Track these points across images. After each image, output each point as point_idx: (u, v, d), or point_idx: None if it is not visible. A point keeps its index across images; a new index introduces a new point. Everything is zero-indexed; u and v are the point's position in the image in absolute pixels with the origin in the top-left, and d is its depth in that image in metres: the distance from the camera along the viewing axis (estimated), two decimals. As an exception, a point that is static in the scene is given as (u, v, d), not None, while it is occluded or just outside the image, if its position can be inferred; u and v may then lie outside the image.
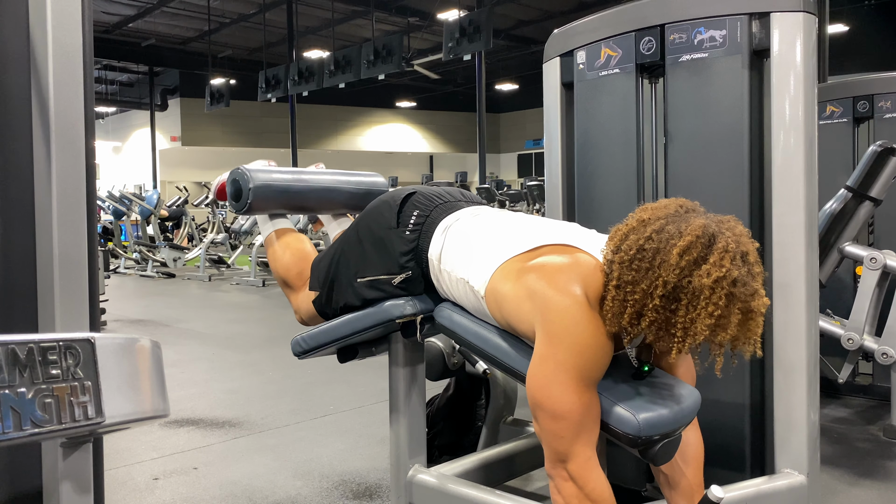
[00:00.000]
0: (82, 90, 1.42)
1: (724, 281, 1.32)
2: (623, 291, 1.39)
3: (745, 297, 1.33)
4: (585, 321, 1.43)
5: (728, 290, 1.32)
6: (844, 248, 3.05)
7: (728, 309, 1.33)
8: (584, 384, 1.43)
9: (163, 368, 1.34)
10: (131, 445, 2.95)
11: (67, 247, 1.39)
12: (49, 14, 1.37)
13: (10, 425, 1.06)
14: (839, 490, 2.43)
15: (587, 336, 1.42)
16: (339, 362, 2.05)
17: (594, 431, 1.46)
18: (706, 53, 2.01)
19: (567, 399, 1.42)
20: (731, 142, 2.00)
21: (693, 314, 1.33)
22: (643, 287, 1.37)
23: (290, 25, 16.89)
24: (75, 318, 1.40)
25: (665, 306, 1.36)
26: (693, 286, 1.33)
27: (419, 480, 1.95)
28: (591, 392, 1.45)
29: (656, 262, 1.36)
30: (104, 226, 11.97)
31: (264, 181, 2.09)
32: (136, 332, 5.52)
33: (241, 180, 2.08)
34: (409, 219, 1.84)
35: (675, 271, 1.34)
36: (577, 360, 1.42)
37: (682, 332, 1.35)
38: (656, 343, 1.41)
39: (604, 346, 1.44)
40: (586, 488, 1.43)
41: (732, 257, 1.34)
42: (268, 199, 2.11)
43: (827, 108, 3.58)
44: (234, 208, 2.13)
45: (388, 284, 1.85)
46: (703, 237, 1.35)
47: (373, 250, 1.87)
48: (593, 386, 1.46)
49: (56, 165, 1.38)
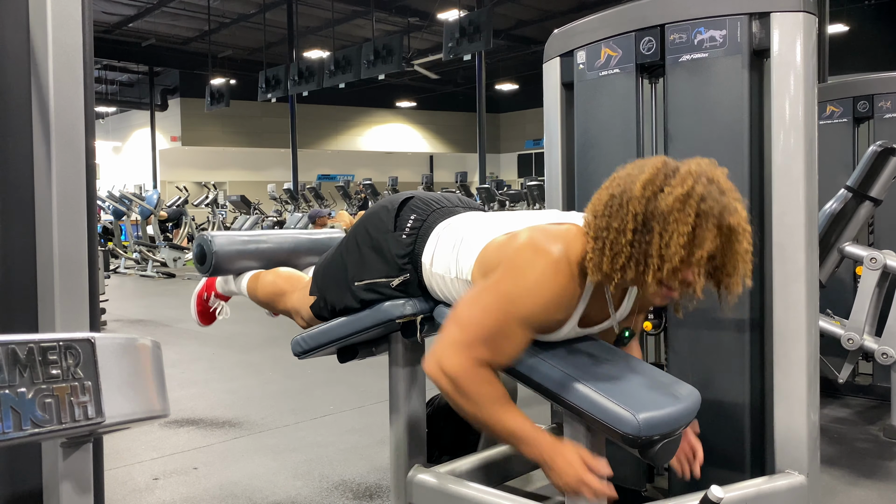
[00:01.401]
0: (82, 90, 1.42)
1: (689, 198, 1.35)
2: (600, 240, 1.43)
3: (717, 212, 1.36)
4: (553, 269, 1.46)
5: (696, 206, 1.35)
6: (844, 248, 3.05)
7: (700, 225, 1.35)
8: (518, 318, 1.47)
9: (163, 368, 1.34)
10: (131, 445, 2.94)
11: (67, 247, 1.40)
12: (49, 14, 1.37)
13: (10, 425, 1.06)
14: (839, 490, 2.43)
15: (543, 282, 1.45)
16: (339, 362, 2.05)
17: (500, 358, 1.51)
18: (706, 53, 2.01)
19: (491, 312, 1.47)
20: (731, 142, 2.00)
21: (667, 238, 1.36)
22: (615, 226, 1.41)
23: (290, 25, 16.90)
24: (75, 318, 1.40)
25: (640, 240, 1.39)
26: (660, 209, 1.37)
27: (419, 480, 1.95)
28: (523, 331, 1.49)
29: (624, 201, 1.41)
30: (104, 226, 11.97)
31: (225, 244, 2.25)
32: (136, 332, 5.52)
33: (204, 245, 2.24)
34: (407, 223, 1.84)
35: (641, 201, 1.38)
36: (526, 298, 1.46)
37: (659, 259, 1.37)
38: (641, 286, 1.43)
39: (558, 295, 1.46)
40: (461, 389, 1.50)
41: (696, 177, 1.38)
42: (230, 258, 2.26)
43: (827, 108, 3.58)
44: (199, 271, 2.28)
45: (386, 287, 1.86)
46: (664, 168, 1.41)
47: (371, 254, 1.88)
48: (528, 328, 1.50)
49: (56, 165, 1.38)
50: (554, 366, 1.57)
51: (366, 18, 16.79)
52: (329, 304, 1.97)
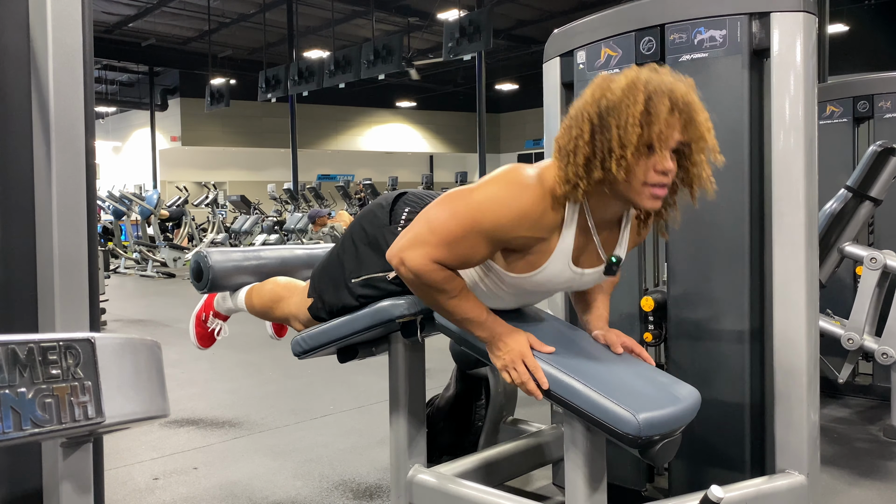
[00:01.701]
0: (82, 90, 1.42)
1: (636, 83, 1.42)
2: (564, 153, 1.48)
3: (666, 88, 1.42)
4: (523, 185, 1.51)
5: (644, 87, 1.42)
6: (844, 248, 3.05)
7: (651, 100, 1.41)
8: (480, 229, 1.50)
9: (163, 368, 1.34)
10: (131, 445, 2.94)
11: (67, 247, 1.40)
12: (49, 14, 1.37)
13: (10, 425, 1.06)
14: (839, 490, 2.43)
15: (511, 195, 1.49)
16: (339, 362, 2.05)
17: (455, 262, 1.55)
18: (706, 53, 2.01)
19: (456, 219, 1.51)
20: (731, 142, 2.00)
21: (622, 122, 1.41)
22: (575, 135, 1.47)
23: (290, 25, 16.90)
24: (75, 318, 1.40)
25: (600, 137, 1.43)
26: (612, 102, 1.43)
27: (419, 480, 1.95)
28: (483, 243, 1.52)
29: (578, 112, 1.48)
30: (104, 226, 11.96)
31: (221, 260, 2.27)
32: (136, 332, 5.52)
33: (201, 262, 2.27)
34: (401, 216, 1.87)
35: (593, 105, 1.45)
36: (490, 210, 1.49)
37: (620, 146, 1.41)
38: (614, 186, 1.46)
39: (520, 213, 1.49)
40: (421, 278, 1.55)
41: (638, 70, 1.47)
42: (227, 274, 2.28)
43: (827, 108, 3.58)
44: (197, 288, 2.30)
45: (382, 281, 1.87)
46: (607, 76, 1.49)
47: (367, 250, 1.90)
48: (489, 242, 1.52)
49: (56, 165, 1.38)
50: (554, 366, 1.57)
51: (366, 18, 16.79)
52: (327, 304, 1.98)
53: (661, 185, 1.45)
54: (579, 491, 1.61)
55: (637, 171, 1.43)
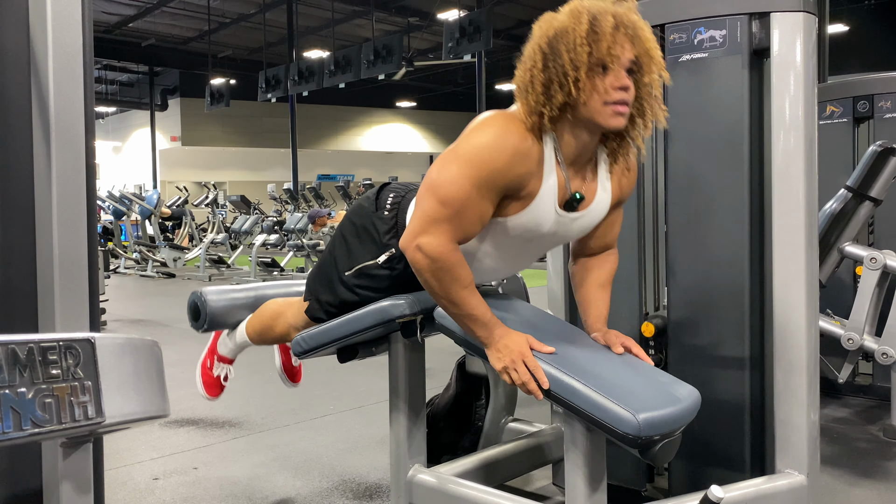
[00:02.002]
0: (82, 90, 1.42)
1: (578, 8, 1.50)
2: (522, 88, 1.54)
3: (610, 10, 1.49)
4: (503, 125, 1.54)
5: (588, 11, 1.49)
6: (844, 248, 3.05)
7: (596, 20, 1.47)
8: (479, 184, 1.52)
9: (163, 368, 1.34)
10: (131, 445, 2.94)
11: (67, 247, 1.40)
12: (49, 14, 1.37)
13: (10, 425, 1.06)
14: (839, 490, 2.43)
15: (495, 139, 1.53)
16: (339, 362, 2.05)
17: (464, 230, 1.57)
18: (706, 53, 2.01)
19: (454, 184, 1.53)
20: (731, 142, 2.00)
21: (571, 44, 1.47)
22: (529, 66, 1.53)
23: (290, 25, 16.90)
24: (75, 318, 1.40)
25: (552, 64, 1.49)
26: (557, 30, 1.50)
27: (419, 480, 1.95)
28: (482, 198, 1.54)
29: (529, 49, 1.55)
30: (104, 226, 11.97)
31: (217, 297, 2.28)
32: (136, 332, 5.51)
33: (197, 301, 2.28)
34: (386, 201, 1.90)
35: (542, 37, 1.53)
36: (482, 158, 1.52)
37: (573, 69, 1.47)
38: (576, 109, 1.51)
39: (510, 151, 1.52)
40: (437, 262, 1.56)
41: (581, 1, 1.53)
42: (225, 311, 2.30)
43: (827, 108, 3.58)
44: (195, 328, 2.31)
45: (374, 268, 1.88)
46: (551, 12, 1.55)
47: (356, 241, 1.91)
48: (488, 194, 1.54)
49: (56, 165, 1.38)
50: (554, 366, 1.57)
51: (366, 18, 16.79)
52: (324, 304, 1.98)
53: (622, 101, 1.50)
54: (579, 491, 1.61)
55: (596, 92, 1.49)
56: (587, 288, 1.83)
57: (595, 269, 1.82)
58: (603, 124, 1.52)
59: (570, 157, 1.59)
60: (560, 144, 1.58)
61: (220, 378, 2.41)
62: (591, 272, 1.82)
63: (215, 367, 2.40)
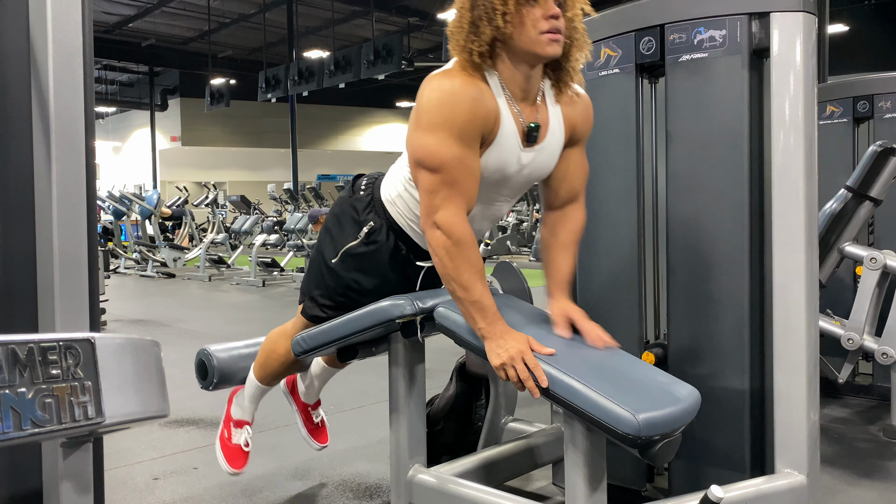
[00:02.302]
0: (82, 90, 1.42)
1: None
2: (453, 33, 1.66)
3: None
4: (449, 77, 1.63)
5: None
6: (844, 248, 3.05)
7: None
8: (455, 137, 1.59)
9: (163, 368, 1.34)
10: (131, 445, 2.95)
11: (67, 247, 1.40)
12: (49, 14, 1.37)
13: (10, 425, 1.06)
14: (839, 490, 2.43)
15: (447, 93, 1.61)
16: (339, 362, 2.05)
17: (466, 191, 1.63)
18: (706, 53, 2.01)
19: (443, 150, 1.59)
20: (731, 142, 2.00)
21: None
22: (457, 8, 1.66)
23: (290, 25, 16.90)
24: (75, 318, 1.40)
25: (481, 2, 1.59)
26: None
27: (419, 480, 1.95)
28: (466, 149, 1.61)
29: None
30: (104, 226, 11.96)
31: (226, 358, 2.28)
32: (136, 332, 5.52)
33: (204, 359, 2.27)
34: (360, 186, 1.98)
35: None
36: (449, 115, 1.59)
37: (501, 3, 1.57)
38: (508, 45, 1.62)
39: (466, 97, 1.60)
40: (453, 237, 1.61)
41: None
42: (233, 371, 2.29)
43: (827, 108, 3.58)
44: (203, 386, 2.30)
45: (357, 247, 1.90)
46: None
47: (338, 228, 1.95)
48: (469, 143, 1.61)
49: (56, 165, 1.38)
50: (554, 366, 1.57)
51: (366, 18, 16.78)
52: (317, 299, 1.99)
53: (555, 29, 1.59)
54: (579, 491, 1.61)
55: (527, 24, 1.58)
56: (551, 250, 1.87)
57: (560, 228, 1.87)
58: (541, 53, 1.61)
59: (517, 92, 1.68)
60: (504, 81, 1.66)
61: (240, 446, 2.28)
62: (557, 234, 1.87)
63: (233, 436, 2.30)
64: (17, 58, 1.44)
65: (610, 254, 2.22)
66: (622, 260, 2.19)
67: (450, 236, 1.61)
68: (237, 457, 2.26)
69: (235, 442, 2.28)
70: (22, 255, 1.46)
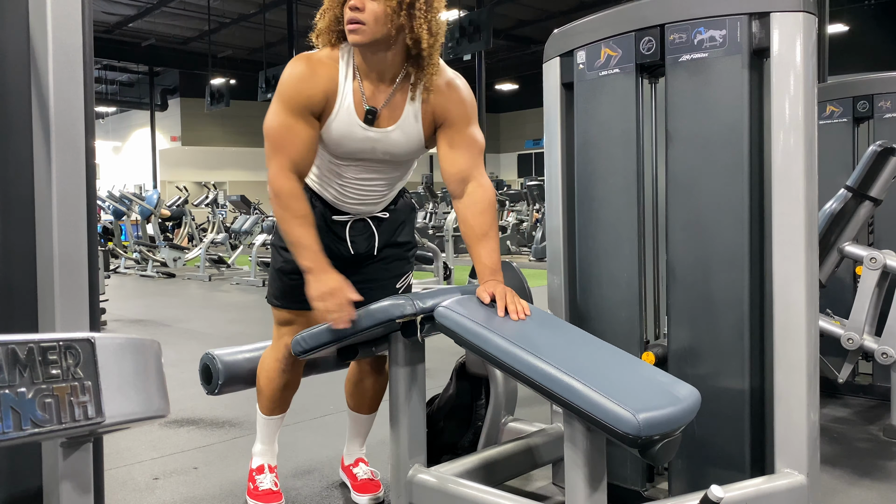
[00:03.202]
0: (82, 90, 1.42)
1: None
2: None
3: None
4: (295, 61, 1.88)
5: None
6: (844, 248, 3.05)
7: None
8: (284, 109, 1.86)
9: (163, 368, 1.34)
10: (131, 445, 2.95)
11: (67, 247, 1.40)
12: (49, 14, 1.37)
13: (10, 425, 1.06)
14: (839, 490, 2.43)
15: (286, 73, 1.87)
16: (340, 361, 2.05)
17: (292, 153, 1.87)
18: (706, 53, 2.01)
19: (271, 119, 1.88)
20: (731, 142, 2.00)
21: None
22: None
23: (290, 25, 16.89)
24: (75, 318, 1.40)
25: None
26: None
27: (419, 480, 1.95)
28: (293, 118, 1.86)
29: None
30: (104, 226, 11.96)
31: (231, 362, 2.28)
32: (136, 332, 5.52)
33: (209, 363, 2.27)
34: None
35: None
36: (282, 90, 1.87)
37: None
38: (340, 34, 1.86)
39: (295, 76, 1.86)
40: (275, 189, 1.88)
41: None
42: (237, 376, 2.29)
43: (827, 108, 3.58)
44: (207, 391, 2.30)
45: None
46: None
47: None
48: (297, 114, 1.86)
49: (56, 165, 1.38)
50: (554, 365, 1.57)
51: (366, 18, 16.75)
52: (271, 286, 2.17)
53: (353, 20, 1.78)
54: (579, 491, 1.61)
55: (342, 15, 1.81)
56: (470, 243, 1.98)
57: (470, 216, 1.96)
58: (349, 41, 1.82)
59: (366, 72, 1.89)
60: (357, 63, 1.89)
61: (269, 490, 2.23)
62: (471, 225, 1.96)
63: (259, 484, 2.24)
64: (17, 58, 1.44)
65: (610, 254, 2.22)
66: (622, 260, 2.19)
67: (273, 189, 1.87)
68: (270, 498, 2.21)
69: (264, 488, 2.23)
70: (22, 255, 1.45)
